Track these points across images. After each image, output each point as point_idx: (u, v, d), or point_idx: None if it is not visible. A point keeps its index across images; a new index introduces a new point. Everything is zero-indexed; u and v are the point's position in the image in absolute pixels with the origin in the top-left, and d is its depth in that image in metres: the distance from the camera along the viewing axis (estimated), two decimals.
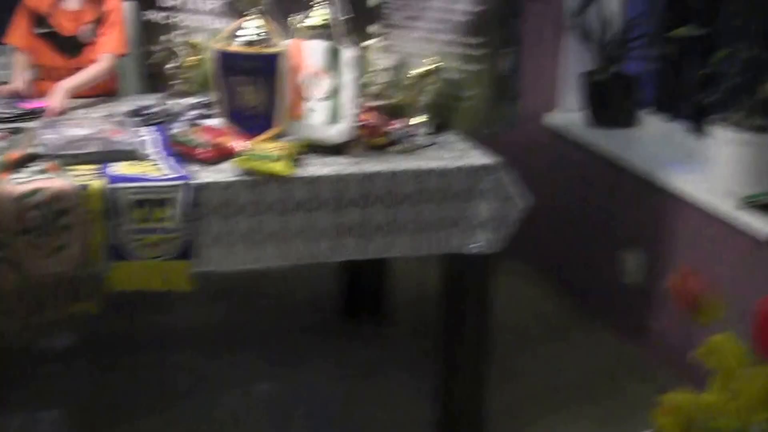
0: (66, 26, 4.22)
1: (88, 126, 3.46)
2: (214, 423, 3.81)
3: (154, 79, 4.23)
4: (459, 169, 3.32)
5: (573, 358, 4.34)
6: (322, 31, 3.43)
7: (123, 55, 4.28)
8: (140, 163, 3.22)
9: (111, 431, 3.73)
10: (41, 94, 3.98)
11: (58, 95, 3.85)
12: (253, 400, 3.97)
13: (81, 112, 3.87)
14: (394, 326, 4.51)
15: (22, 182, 3.01)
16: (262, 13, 3.45)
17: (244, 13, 3.45)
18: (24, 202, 2.92)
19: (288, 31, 3.49)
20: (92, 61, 4.18)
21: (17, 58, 4.20)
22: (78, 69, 4.14)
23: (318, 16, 3.44)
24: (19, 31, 4.21)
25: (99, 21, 4.21)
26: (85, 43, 4.22)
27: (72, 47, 4.23)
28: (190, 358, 4.23)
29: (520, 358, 4.27)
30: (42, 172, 3.12)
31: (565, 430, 3.80)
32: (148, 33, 4.37)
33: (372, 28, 3.81)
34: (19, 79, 4.07)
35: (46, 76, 4.21)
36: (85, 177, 3.06)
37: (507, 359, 4.05)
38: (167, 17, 4.31)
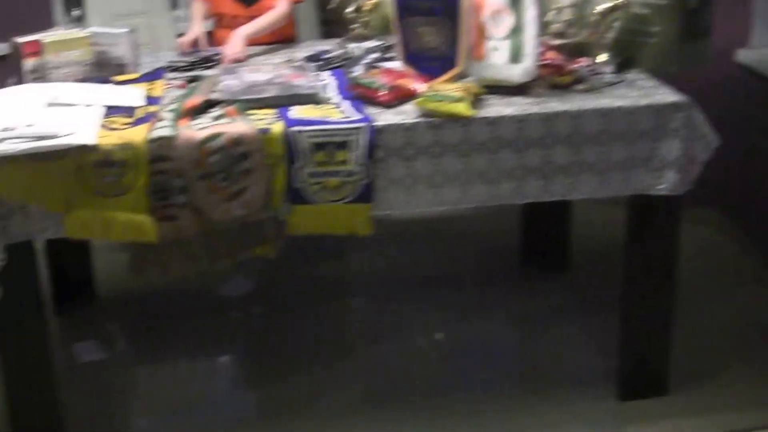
0: None
1: (267, 71, 3.47)
2: (391, 370, 3.82)
3: (332, 24, 4.23)
4: (646, 108, 3.22)
5: (760, 308, 4.19)
6: None
7: (300, 1, 4.28)
8: (320, 106, 3.22)
9: (288, 378, 3.77)
10: (220, 43, 4.02)
11: (236, 42, 3.89)
12: (430, 347, 3.97)
13: (260, 58, 3.90)
14: (575, 273, 4.42)
15: (202, 128, 3.04)
16: None
17: None
18: (205, 147, 2.95)
19: None
20: (270, 9, 4.20)
21: (195, 8, 4.25)
22: (256, 17, 4.17)
23: None
24: None
25: None
26: None
27: None
28: (367, 305, 4.25)
29: (705, 308, 4.14)
30: (222, 117, 3.15)
31: (750, 383, 3.67)
32: None
33: None
34: (198, 29, 4.10)
35: (224, 25, 4.24)
36: (265, 121, 3.07)
37: (691, 309, 3.94)
38: None
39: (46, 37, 3.65)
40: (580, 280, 4.34)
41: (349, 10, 4.00)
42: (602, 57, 3.51)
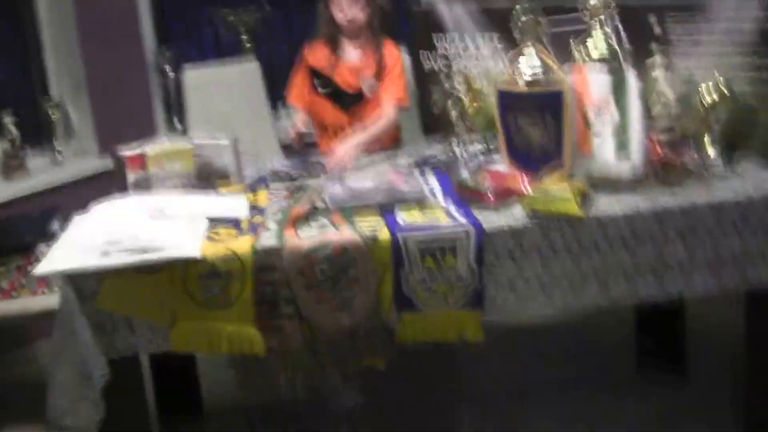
0: (348, 82, 4.25)
1: (372, 177, 3.45)
2: None
3: (437, 128, 4.21)
4: (759, 199, 3.15)
5: None
6: (605, 59, 3.33)
7: (405, 105, 4.27)
8: (427, 211, 3.18)
9: None
10: (325, 152, 4.01)
11: (348, 151, 3.87)
12: None
13: (365, 164, 3.88)
14: (694, 374, 4.27)
15: (308, 236, 3.02)
16: (541, 45, 3.38)
17: (522, 48, 3.38)
18: (312, 256, 2.93)
19: (568, 61, 3.41)
20: (373, 116, 4.20)
21: (298, 117, 4.24)
22: (359, 124, 4.18)
23: (599, 42, 3.34)
24: (299, 90, 4.27)
25: (379, 73, 4.22)
26: (366, 97, 4.24)
27: (354, 103, 4.28)
28: (479, 415, 4.14)
29: None
30: (328, 225, 3.13)
31: None
32: (428, 81, 4.36)
33: (656, 57, 3.66)
34: (301, 121, 4.11)
35: (328, 135, 4.25)
36: (371, 228, 3.04)
37: None
38: (446, 64, 4.29)
39: (149, 149, 3.67)
40: (699, 382, 4.19)
41: (452, 113, 3.99)
42: (710, 149, 3.47)
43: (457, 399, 4.29)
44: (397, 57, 4.28)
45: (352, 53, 4.28)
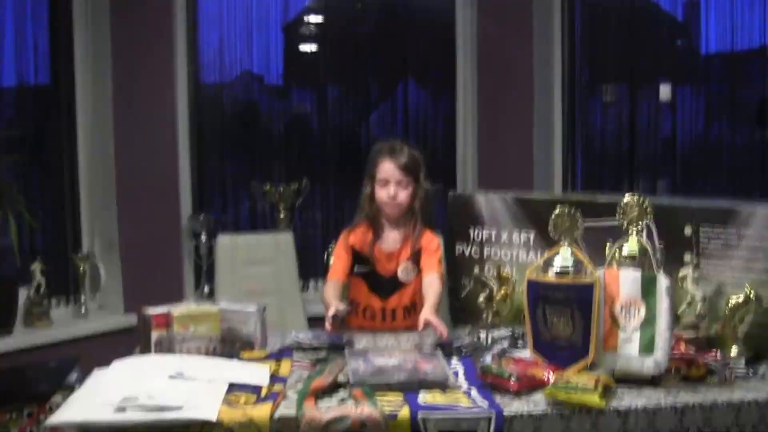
0: (385, 266, 4.26)
1: (396, 355, 3.45)
2: None
3: (463, 312, 4.23)
4: None
5: None
6: (637, 259, 3.34)
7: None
8: (448, 393, 3.17)
9: None
10: (351, 329, 4.00)
11: (436, 322, 3.80)
12: None
13: (390, 342, 3.88)
14: None
15: (328, 409, 3.00)
16: (575, 243, 3.41)
17: (557, 245, 3.41)
18: (330, 429, 2.90)
19: (600, 259, 3.43)
20: (403, 304, 4.28)
21: (330, 288, 4.21)
22: (388, 309, 4.24)
23: (633, 244, 3.36)
24: (341, 266, 4.25)
25: (417, 260, 4.23)
26: (402, 283, 4.26)
27: (388, 288, 4.28)
28: None
29: None
30: (348, 399, 3.12)
31: None
32: (459, 265, 4.38)
33: (686, 257, 3.69)
34: (336, 303, 4.02)
35: (358, 314, 4.25)
36: (391, 405, 3.02)
37: None
38: (478, 250, 4.31)
39: (175, 309, 3.69)
40: None
41: (480, 299, 4.01)
42: (734, 350, 3.48)
43: None
44: (436, 244, 4.28)
45: (391, 238, 4.29)
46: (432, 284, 4.11)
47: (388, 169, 4.23)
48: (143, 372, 3.33)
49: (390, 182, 4.21)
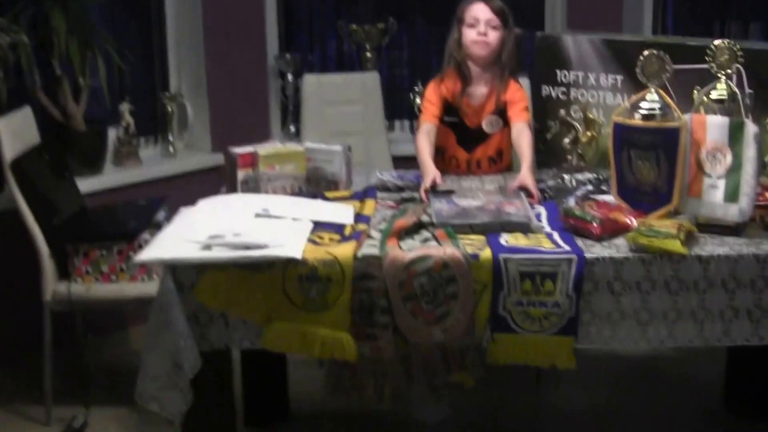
0: (471, 118, 4.23)
1: (479, 197, 3.46)
2: None
3: (548, 155, 4.21)
4: None
5: None
6: (725, 105, 3.30)
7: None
8: (531, 235, 3.19)
9: None
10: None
11: (530, 180, 3.78)
12: None
13: (474, 185, 3.89)
14: None
15: (410, 249, 3.04)
16: (663, 87, 3.37)
17: (644, 89, 3.37)
18: (412, 268, 2.94)
19: (688, 105, 3.39)
20: (488, 155, 4.27)
21: (422, 145, 4.08)
22: (473, 161, 4.25)
23: (721, 89, 3.31)
24: (434, 110, 4.19)
25: (501, 111, 4.19)
26: (486, 135, 4.24)
27: (473, 139, 4.26)
28: None
29: None
30: (431, 240, 3.15)
31: None
32: (545, 108, 4.35)
33: None
34: (432, 170, 3.88)
35: (443, 159, 4.23)
36: (474, 246, 3.05)
37: None
38: (565, 92, 4.28)
39: (261, 149, 3.72)
40: None
41: (565, 141, 3.99)
42: None
43: (540, 424, 4.27)
44: (522, 94, 4.23)
45: (477, 89, 4.24)
46: (522, 134, 4.06)
47: (478, 8, 4.16)
48: (229, 210, 3.38)
49: (480, 21, 4.13)
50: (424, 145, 4.04)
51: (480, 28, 4.12)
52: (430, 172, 3.83)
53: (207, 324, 3.05)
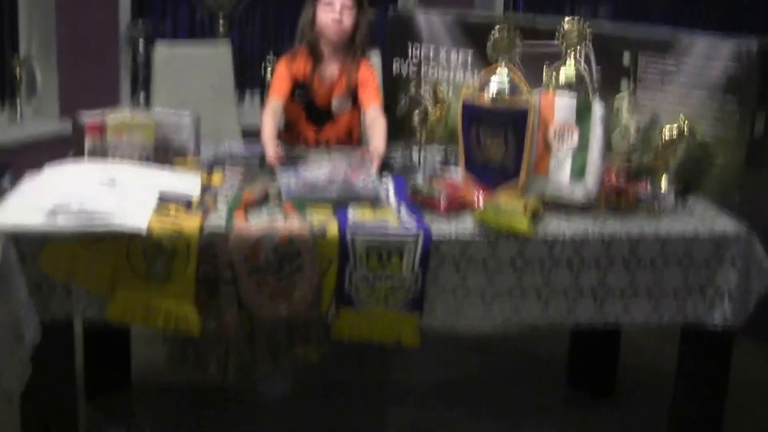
0: (321, 96, 4.21)
1: (328, 170, 3.45)
2: None
3: (397, 130, 4.22)
4: (704, 236, 3.19)
5: None
6: (573, 84, 3.34)
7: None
8: (378, 210, 3.19)
9: None
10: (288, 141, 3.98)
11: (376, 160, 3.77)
12: None
13: (323, 157, 3.88)
14: (622, 400, 4.27)
15: (257, 222, 3.02)
16: (512, 65, 3.39)
17: (494, 65, 3.40)
18: (258, 242, 2.92)
19: (537, 83, 3.42)
20: (337, 135, 4.26)
21: (275, 111, 4.13)
22: (323, 141, 4.23)
23: (570, 69, 3.36)
24: (283, 87, 4.16)
25: (351, 92, 4.18)
26: (335, 115, 4.23)
27: (322, 118, 4.24)
28: (403, 419, 4.13)
29: None
30: (278, 213, 3.14)
31: None
32: (395, 84, 4.37)
33: (623, 85, 3.69)
34: (274, 148, 3.88)
35: (292, 135, 4.22)
36: (321, 221, 3.05)
37: None
38: (415, 69, 4.30)
39: (109, 116, 3.66)
40: (626, 408, 4.19)
41: (415, 117, 4.00)
42: (664, 182, 3.51)
43: (381, 401, 4.29)
44: (373, 77, 4.22)
45: (329, 69, 4.22)
46: (375, 122, 4.06)
47: None
48: (75, 178, 3.31)
49: (335, 2, 4.08)
50: (268, 125, 4.02)
51: (335, 9, 4.08)
52: (270, 153, 3.80)
53: (49, 294, 2.99)
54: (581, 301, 3.14)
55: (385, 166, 3.70)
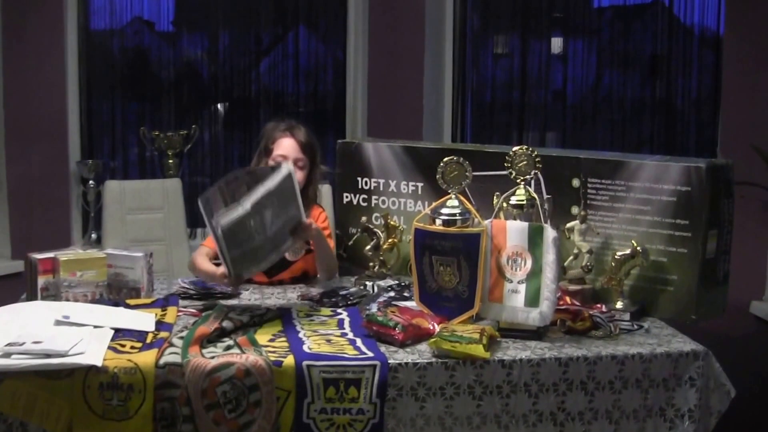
0: None
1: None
2: None
3: (350, 261, 4.23)
4: (662, 356, 3.19)
5: None
6: (524, 210, 3.37)
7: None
8: (334, 341, 3.19)
9: None
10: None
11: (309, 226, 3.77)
12: None
13: (278, 293, 3.88)
14: None
15: (212, 356, 3.00)
16: (463, 193, 3.43)
17: (446, 194, 3.43)
18: (215, 375, 2.90)
19: (488, 211, 3.45)
20: (292, 275, 4.19)
21: (207, 253, 4.09)
22: (275, 283, 4.16)
23: (520, 195, 3.38)
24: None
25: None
26: (290, 262, 4.16)
27: (276, 267, 4.04)
28: None
29: None
30: (233, 347, 3.12)
31: None
32: (347, 215, 4.39)
33: (574, 209, 3.73)
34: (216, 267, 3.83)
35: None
36: (277, 354, 3.03)
37: None
38: (366, 199, 4.32)
39: (62, 255, 3.65)
40: None
41: (367, 248, 4.02)
42: (619, 303, 3.55)
43: None
44: (324, 218, 4.24)
45: None
46: (328, 255, 4.10)
47: (287, 145, 4.12)
48: (29, 317, 3.29)
49: (288, 159, 4.03)
50: (201, 260, 4.02)
51: (288, 155, 4.08)
52: (218, 273, 3.74)
53: None
54: (541, 426, 3.12)
55: (339, 298, 3.70)
